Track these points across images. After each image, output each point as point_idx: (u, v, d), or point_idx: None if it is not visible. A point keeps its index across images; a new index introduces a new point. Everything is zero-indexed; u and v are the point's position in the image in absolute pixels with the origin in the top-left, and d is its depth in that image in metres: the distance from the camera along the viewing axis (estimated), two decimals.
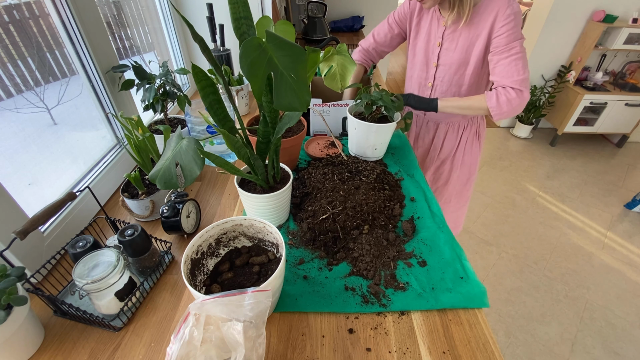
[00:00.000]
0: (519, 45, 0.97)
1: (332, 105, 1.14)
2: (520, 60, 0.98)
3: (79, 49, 0.91)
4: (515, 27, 0.96)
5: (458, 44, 1.08)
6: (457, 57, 1.09)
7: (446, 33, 1.09)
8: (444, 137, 1.32)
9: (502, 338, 1.69)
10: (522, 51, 0.98)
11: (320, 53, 0.77)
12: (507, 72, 1.00)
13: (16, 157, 0.82)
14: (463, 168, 1.35)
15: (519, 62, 0.98)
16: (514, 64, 0.98)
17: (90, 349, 0.60)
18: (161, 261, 0.75)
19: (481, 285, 0.69)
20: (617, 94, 2.93)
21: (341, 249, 0.78)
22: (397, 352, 0.59)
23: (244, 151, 0.68)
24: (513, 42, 0.97)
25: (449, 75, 1.15)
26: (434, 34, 1.13)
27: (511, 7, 0.95)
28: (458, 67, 1.12)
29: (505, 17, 0.96)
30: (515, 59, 0.98)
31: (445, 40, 1.10)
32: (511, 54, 0.98)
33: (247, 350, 0.46)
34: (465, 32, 1.05)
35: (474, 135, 1.29)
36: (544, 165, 3.03)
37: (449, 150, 1.33)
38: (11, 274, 0.55)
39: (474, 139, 1.30)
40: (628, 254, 2.17)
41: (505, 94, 1.00)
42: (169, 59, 1.52)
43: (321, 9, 2.39)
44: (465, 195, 1.47)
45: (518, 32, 0.97)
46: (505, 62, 0.99)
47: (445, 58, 1.12)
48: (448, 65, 1.13)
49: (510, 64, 0.98)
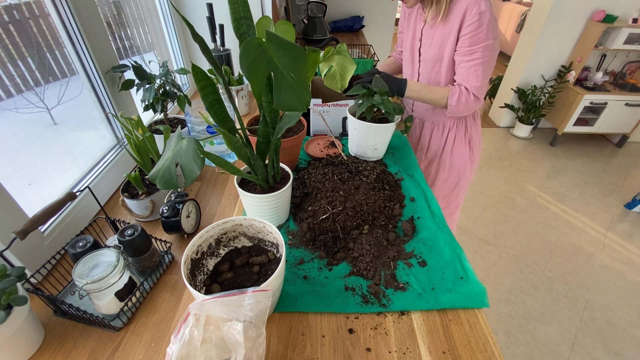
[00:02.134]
0: (481, 50, 0.94)
1: (332, 105, 1.14)
2: (480, 66, 0.95)
3: (79, 49, 0.91)
4: (479, 28, 0.92)
5: (433, 40, 1.07)
6: (433, 53, 1.08)
7: (425, 29, 1.09)
8: (430, 137, 1.30)
9: (502, 338, 1.69)
10: (484, 57, 0.94)
11: (320, 53, 0.77)
12: (466, 76, 0.98)
13: (16, 157, 0.82)
14: (452, 171, 1.32)
15: (478, 68, 0.96)
16: (473, 69, 0.96)
17: (90, 349, 0.60)
18: (161, 261, 0.75)
19: (481, 285, 0.69)
20: (617, 94, 2.93)
21: (341, 249, 0.78)
22: (397, 352, 0.59)
23: (244, 151, 0.68)
24: (475, 46, 0.94)
25: (427, 72, 1.15)
26: (417, 30, 1.13)
27: (478, 5, 0.91)
28: (434, 63, 1.11)
29: (471, 16, 0.92)
30: (475, 64, 0.95)
31: (424, 35, 1.10)
32: (472, 58, 0.95)
33: (247, 350, 0.46)
34: (440, 29, 1.03)
35: (462, 138, 1.26)
36: (544, 165, 3.03)
37: (435, 150, 1.31)
38: (11, 274, 0.55)
39: (462, 142, 1.26)
40: (628, 254, 2.17)
41: (467, 96, 1.00)
42: (169, 59, 1.52)
43: (321, 9, 2.39)
44: (455, 202, 1.42)
45: (482, 35, 0.93)
46: (466, 66, 0.97)
47: (424, 54, 1.12)
48: (426, 61, 1.13)
49: (470, 68, 0.96)
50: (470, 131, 1.26)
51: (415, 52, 1.16)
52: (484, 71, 0.96)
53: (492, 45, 0.94)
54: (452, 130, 1.25)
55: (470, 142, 1.26)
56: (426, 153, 1.33)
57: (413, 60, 1.19)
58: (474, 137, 1.27)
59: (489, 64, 0.97)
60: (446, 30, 1.01)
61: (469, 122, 1.24)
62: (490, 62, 0.96)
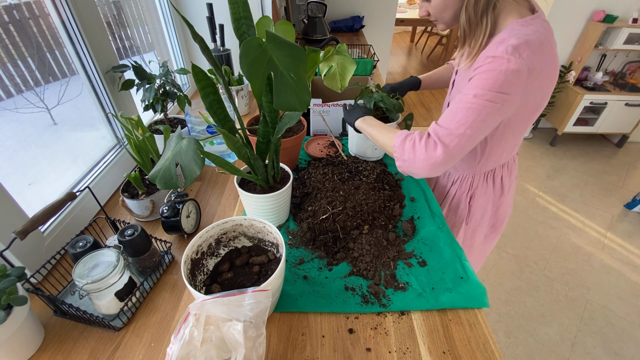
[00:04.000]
0: (473, 94, 0.69)
1: (332, 105, 1.14)
2: (462, 111, 0.70)
3: (79, 49, 0.91)
4: (487, 73, 0.68)
5: (457, 79, 0.89)
6: (453, 94, 0.92)
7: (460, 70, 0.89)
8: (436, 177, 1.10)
9: (502, 338, 1.69)
10: (474, 104, 0.69)
11: (320, 53, 0.77)
12: (442, 118, 0.75)
13: (16, 157, 0.82)
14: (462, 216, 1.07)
15: (458, 113, 0.70)
16: (453, 112, 0.71)
17: (90, 349, 0.60)
18: (161, 261, 0.75)
19: (481, 285, 0.69)
20: (617, 94, 2.93)
21: (341, 249, 0.78)
22: (397, 352, 0.59)
23: (244, 151, 0.68)
24: (473, 90, 0.70)
25: None
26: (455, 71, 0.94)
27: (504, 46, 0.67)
28: None
29: (483, 57, 0.70)
30: (460, 107, 0.71)
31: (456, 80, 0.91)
32: (461, 101, 0.71)
33: (247, 350, 0.46)
34: (463, 71, 0.85)
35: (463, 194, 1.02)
36: (544, 165, 3.03)
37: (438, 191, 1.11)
38: (11, 274, 0.55)
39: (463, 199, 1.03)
40: (628, 254, 2.17)
41: (415, 138, 0.74)
42: (169, 59, 1.52)
43: (321, 9, 2.39)
44: None
45: (487, 83, 0.68)
46: (448, 109, 0.74)
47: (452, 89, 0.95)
48: (452, 97, 0.94)
49: (451, 110, 0.72)
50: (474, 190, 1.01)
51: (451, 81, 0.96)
52: (464, 119, 0.70)
53: (492, 97, 0.68)
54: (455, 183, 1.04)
55: (471, 202, 1.02)
56: (434, 189, 1.15)
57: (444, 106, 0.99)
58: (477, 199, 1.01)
59: (478, 116, 0.69)
60: (467, 74, 0.78)
61: (477, 179, 0.99)
62: (481, 114, 0.69)
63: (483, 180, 1.00)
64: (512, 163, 1.01)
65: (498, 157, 0.93)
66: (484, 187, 1.01)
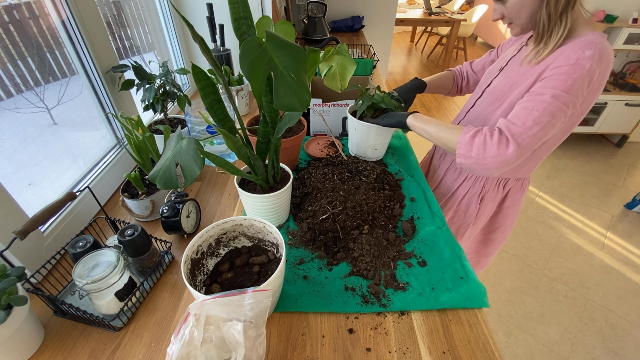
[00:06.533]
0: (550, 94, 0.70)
1: (332, 105, 1.14)
2: (540, 111, 0.70)
3: (79, 49, 0.91)
4: (565, 74, 0.69)
5: (510, 75, 0.86)
6: (500, 88, 0.88)
7: (513, 59, 0.88)
8: (444, 173, 1.11)
9: (502, 338, 1.69)
10: (550, 104, 0.69)
11: (320, 53, 0.77)
12: (514, 114, 0.74)
13: (16, 157, 0.82)
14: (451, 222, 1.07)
15: (535, 112, 0.70)
16: (528, 110, 0.71)
17: (90, 349, 0.60)
18: (161, 261, 0.75)
19: (481, 285, 0.69)
20: (617, 94, 2.93)
21: (341, 249, 0.78)
22: (397, 352, 0.59)
23: (244, 151, 0.68)
24: (551, 90, 0.70)
25: (483, 107, 0.94)
26: (506, 57, 0.93)
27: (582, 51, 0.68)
28: (493, 100, 0.90)
29: (563, 57, 0.71)
30: (536, 107, 0.70)
31: (507, 65, 0.90)
32: (537, 100, 0.71)
33: (247, 350, 0.46)
34: (525, 68, 0.82)
35: (475, 193, 1.00)
36: (544, 165, 3.03)
37: (444, 190, 1.10)
38: (11, 274, 0.55)
39: (474, 198, 1.00)
40: (628, 254, 2.17)
41: (486, 134, 0.74)
42: (169, 59, 1.52)
43: (321, 9, 2.39)
44: None
45: (563, 82, 0.69)
46: (521, 106, 0.73)
47: (494, 85, 0.92)
48: (489, 94, 0.92)
49: (526, 108, 0.72)
50: (486, 193, 0.99)
51: (489, 78, 0.95)
52: (540, 119, 0.69)
53: (567, 100, 0.69)
54: (467, 181, 1.01)
55: (481, 203, 1.02)
56: (436, 188, 1.14)
57: (481, 87, 0.99)
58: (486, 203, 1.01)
59: (552, 118, 0.69)
60: (530, 71, 0.79)
61: (489, 182, 0.98)
62: (555, 117, 0.70)
63: (494, 187, 0.99)
64: (526, 182, 1.01)
65: (519, 168, 0.93)
66: (494, 193, 1.00)
